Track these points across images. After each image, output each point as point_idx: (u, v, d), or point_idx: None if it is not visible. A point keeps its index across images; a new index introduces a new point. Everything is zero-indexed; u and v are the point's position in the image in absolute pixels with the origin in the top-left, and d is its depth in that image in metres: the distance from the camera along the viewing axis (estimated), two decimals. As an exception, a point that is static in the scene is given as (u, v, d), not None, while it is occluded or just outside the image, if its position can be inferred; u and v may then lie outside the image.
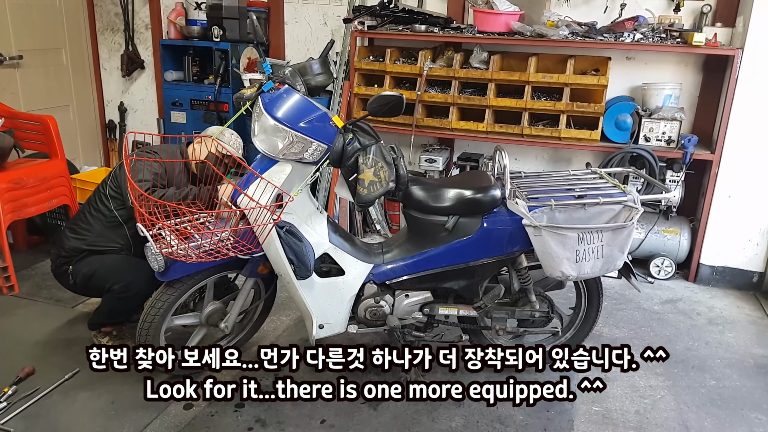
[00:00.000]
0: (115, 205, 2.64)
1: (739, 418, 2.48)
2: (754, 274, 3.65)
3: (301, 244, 2.30)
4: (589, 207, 2.36)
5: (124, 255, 2.66)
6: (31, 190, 3.37)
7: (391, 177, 2.33)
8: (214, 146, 2.61)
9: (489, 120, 3.83)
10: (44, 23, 4.50)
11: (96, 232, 2.65)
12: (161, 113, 4.91)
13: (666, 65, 3.87)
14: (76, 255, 2.63)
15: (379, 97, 2.23)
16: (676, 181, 3.62)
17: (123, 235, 2.65)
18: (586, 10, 3.89)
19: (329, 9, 4.45)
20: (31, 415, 2.33)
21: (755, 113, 3.41)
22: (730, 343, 3.05)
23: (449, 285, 2.52)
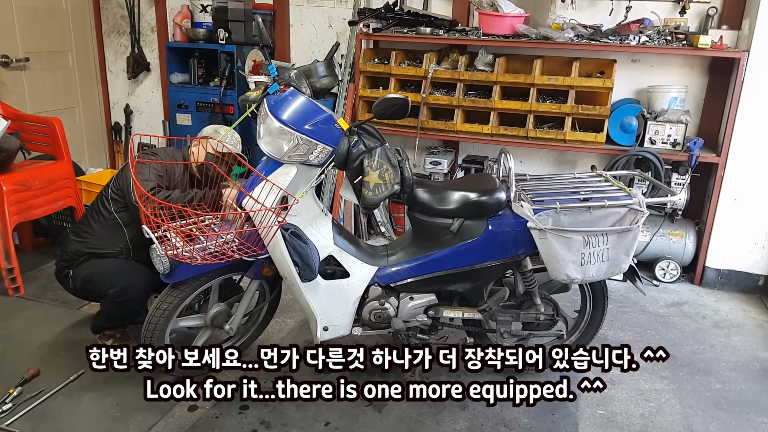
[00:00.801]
0: (115, 207, 2.64)
1: (745, 422, 2.47)
2: (759, 278, 3.63)
3: (306, 247, 2.30)
4: (594, 210, 2.35)
5: (122, 259, 2.66)
6: (37, 191, 3.39)
7: (396, 179, 2.33)
8: (211, 147, 2.61)
9: (494, 122, 3.82)
10: (50, 26, 4.52)
11: (97, 235, 2.65)
12: (167, 115, 4.93)
13: (671, 68, 3.86)
14: (78, 258, 2.64)
15: (384, 100, 2.23)
16: (681, 184, 3.61)
17: (123, 238, 2.65)
18: (592, 12, 3.89)
19: (334, 11, 4.46)
20: (36, 416, 2.33)
21: (761, 116, 3.40)
22: (736, 347, 3.03)
23: (454, 288, 2.52)
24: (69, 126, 3.98)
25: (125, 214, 2.64)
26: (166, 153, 2.73)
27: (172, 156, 2.71)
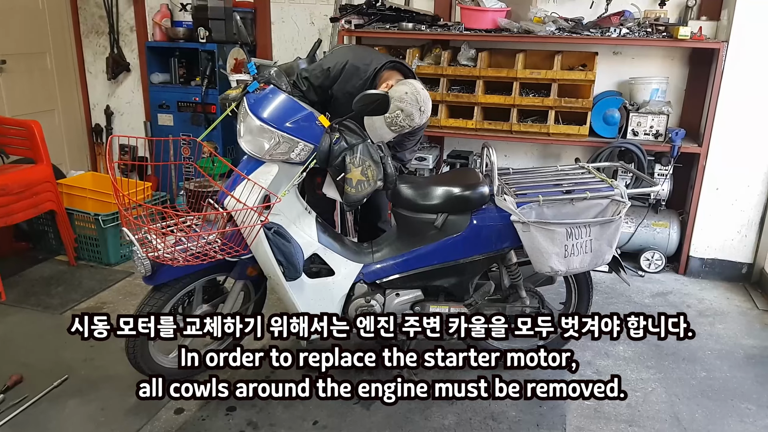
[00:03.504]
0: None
1: (730, 409, 2.49)
2: (743, 266, 3.67)
3: (290, 245, 2.28)
4: (576, 202, 2.36)
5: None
6: (16, 196, 3.33)
7: (379, 176, 2.32)
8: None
9: (478, 117, 3.82)
10: (27, 27, 4.45)
11: None
12: (148, 116, 4.87)
13: (652, 59, 3.88)
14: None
15: (364, 96, 2.22)
16: (664, 175, 3.63)
17: None
18: (573, 5, 3.90)
19: (316, 8, 4.43)
20: (19, 423, 2.30)
21: (741, 105, 3.43)
22: (720, 335, 3.06)
23: (440, 283, 2.52)
24: (48, 129, 3.92)
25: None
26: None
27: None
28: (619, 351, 2.86)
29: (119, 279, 3.52)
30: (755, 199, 3.54)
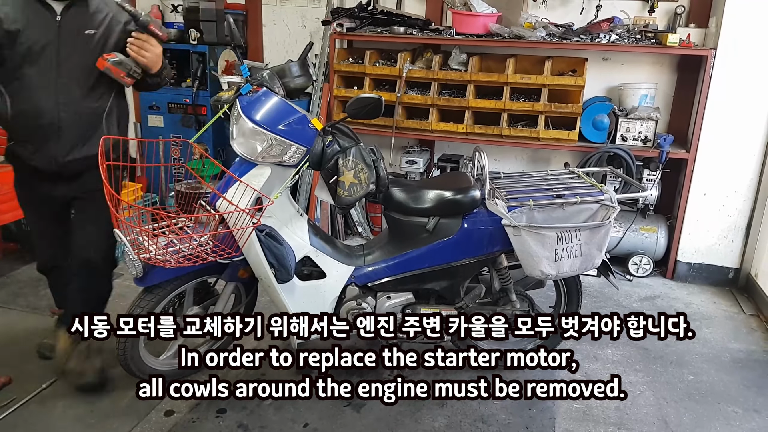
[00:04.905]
0: None
1: (717, 412, 2.52)
2: (729, 270, 3.72)
3: (282, 248, 2.29)
4: (567, 206, 2.38)
5: None
6: (5, 196, 3.31)
7: (372, 179, 2.33)
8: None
9: (468, 121, 3.85)
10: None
11: None
12: (138, 117, 4.84)
13: (641, 66, 3.93)
14: None
15: (358, 99, 2.23)
16: (652, 180, 3.67)
17: None
18: (563, 11, 3.94)
19: (307, 11, 4.44)
20: (8, 425, 2.28)
21: (729, 112, 3.48)
22: (707, 339, 3.10)
23: (431, 286, 2.53)
24: (38, 129, 3.88)
25: None
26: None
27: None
28: (608, 354, 2.89)
29: (109, 281, 3.49)
30: (742, 204, 3.59)
